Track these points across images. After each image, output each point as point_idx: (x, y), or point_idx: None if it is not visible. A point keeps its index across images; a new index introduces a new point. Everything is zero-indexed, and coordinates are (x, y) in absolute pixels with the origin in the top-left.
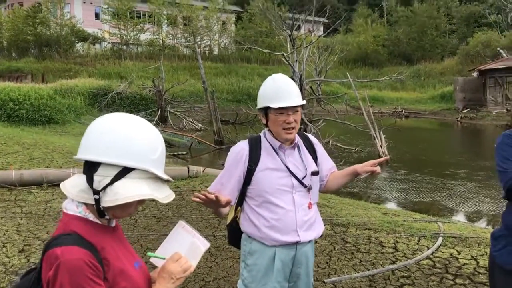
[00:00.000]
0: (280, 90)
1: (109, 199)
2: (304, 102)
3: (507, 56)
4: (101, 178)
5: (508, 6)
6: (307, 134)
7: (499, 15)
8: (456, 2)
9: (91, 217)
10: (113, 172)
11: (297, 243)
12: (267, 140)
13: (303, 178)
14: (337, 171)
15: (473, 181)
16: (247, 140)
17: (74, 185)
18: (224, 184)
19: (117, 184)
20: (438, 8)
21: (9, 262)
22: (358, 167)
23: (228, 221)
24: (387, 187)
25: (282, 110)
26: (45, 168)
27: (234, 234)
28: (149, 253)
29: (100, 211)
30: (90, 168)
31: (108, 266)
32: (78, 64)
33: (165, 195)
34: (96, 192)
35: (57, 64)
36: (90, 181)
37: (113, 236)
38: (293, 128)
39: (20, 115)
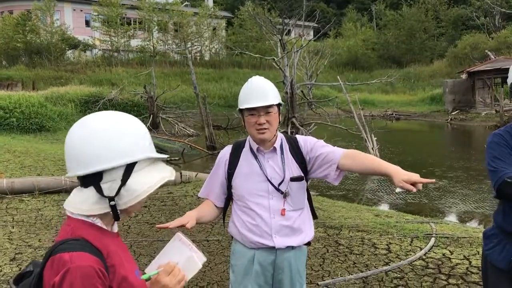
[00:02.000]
0: (252, 92)
1: (129, 199)
2: (275, 102)
3: (495, 58)
4: (109, 184)
5: (495, 9)
6: (297, 136)
7: (487, 18)
8: (444, 6)
9: (99, 222)
10: (119, 173)
11: (274, 248)
12: (249, 144)
13: (279, 184)
14: (364, 154)
15: (464, 181)
16: (230, 145)
17: (83, 200)
18: (210, 188)
19: (130, 182)
20: (426, 12)
21: (1, 271)
22: (396, 176)
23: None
24: (379, 189)
25: (252, 111)
26: (36, 176)
27: None
28: (143, 276)
29: (116, 215)
30: (95, 179)
31: (113, 274)
32: (69, 72)
33: (170, 172)
34: (111, 199)
35: (48, 72)
36: (100, 191)
37: (116, 242)
38: (265, 128)
39: (11, 123)
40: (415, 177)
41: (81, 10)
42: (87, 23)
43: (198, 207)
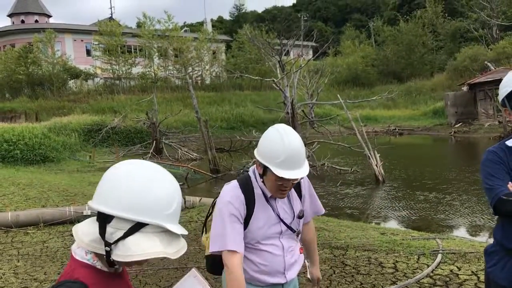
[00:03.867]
0: (288, 156)
1: (121, 254)
2: (308, 170)
3: (495, 68)
4: (114, 230)
5: (492, 21)
6: None
7: (484, 29)
8: (441, 19)
9: (99, 265)
10: (127, 225)
11: (283, 283)
12: (259, 186)
13: (291, 223)
14: (315, 239)
15: (470, 195)
16: (237, 185)
17: (87, 233)
18: (237, 239)
19: (130, 239)
20: (423, 26)
21: None
22: (315, 269)
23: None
24: (384, 206)
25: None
26: (41, 208)
27: (217, 265)
28: None
29: (110, 262)
30: (104, 218)
31: None
32: (71, 101)
33: (176, 249)
34: (107, 244)
35: (50, 102)
36: (103, 232)
37: (120, 283)
38: (289, 189)
39: (15, 155)
40: (318, 281)
41: (82, 40)
42: (88, 53)
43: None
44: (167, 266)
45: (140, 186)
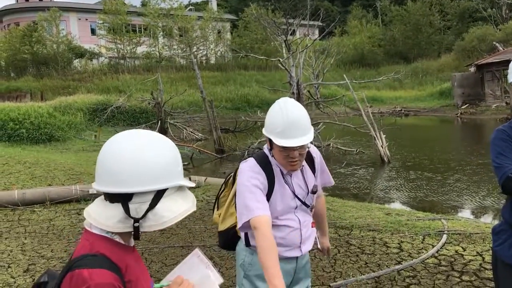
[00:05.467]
0: (286, 126)
1: (155, 223)
2: (311, 139)
3: (503, 49)
4: (137, 205)
5: (501, 1)
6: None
7: (493, 9)
8: None
9: (117, 237)
10: (149, 197)
11: (298, 256)
12: (275, 164)
13: (305, 198)
14: (324, 210)
15: (476, 176)
16: (255, 162)
17: (109, 217)
18: (262, 202)
19: (159, 207)
20: (431, 6)
21: (14, 282)
22: (324, 239)
23: (225, 227)
24: (389, 186)
25: (286, 147)
26: (47, 186)
27: (231, 240)
28: (155, 286)
29: (137, 235)
30: (124, 198)
31: None
32: (76, 81)
33: (193, 201)
34: (136, 220)
35: (55, 82)
36: (127, 211)
37: (133, 256)
38: (297, 161)
39: (21, 135)
40: (328, 250)
41: (86, 19)
42: (93, 32)
43: (271, 256)
44: (172, 244)
45: (151, 156)
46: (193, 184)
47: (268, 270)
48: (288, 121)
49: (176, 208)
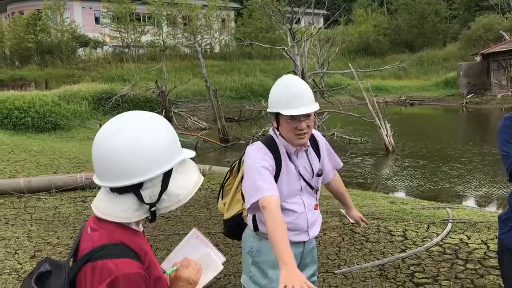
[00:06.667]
0: (292, 96)
1: (171, 204)
2: (317, 108)
3: (510, 38)
4: (149, 190)
5: None
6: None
7: None
8: None
9: (134, 225)
10: (158, 179)
11: (305, 241)
12: (282, 145)
13: (310, 180)
14: (342, 187)
15: (481, 165)
16: (262, 145)
17: (124, 209)
18: (270, 183)
19: (171, 188)
20: None
21: (21, 268)
22: (352, 211)
23: (231, 214)
24: (394, 175)
25: (293, 117)
26: (52, 174)
27: (237, 228)
28: (167, 272)
29: (154, 218)
30: (135, 187)
31: (149, 275)
32: (80, 69)
33: (197, 170)
34: (153, 205)
35: (59, 70)
36: (141, 198)
37: (143, 240)
38: (305, 133)
39: (26, 123)
40: (361, 220)
41: (90, 8)
42: (97, 20)
43: (280, 234)
44: (177, 231)
45: (152, 141)
46: (193, 153)
47: (278, 248)
48: (294, 92)
49: (187, 183)
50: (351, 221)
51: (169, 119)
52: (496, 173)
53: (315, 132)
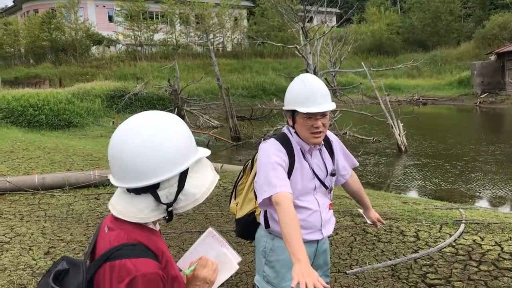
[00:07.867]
0: (309, 94)
1: (187, 203)
2: (334, 106)
3: None
4: (166, 190)
5: None
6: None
7: None
8: None
9: (151, 224)
10: (175, 179)
11: (319, 240)
12: (296, 142)
13: (324, 179)
14: (360, 187)
15: (495, 165)
16: (276, 141)
17: (141, 209)
18: (283, 179)
19: (187, 188)
20: None
21: (36, 264)
22: (370, 212)
23: (243, 213)
24: (406, 175)
25: (310, 115)
26: (66, 172)
27: (250, 227)
28: (186, 272)
29: (171, 218)
30: (152, 187)
31: (167, 275)
32: (94, 67)
33: (212, 168)
34: (170, 205)
35: (73, 68)
36: (158, 198)
37: (159, 238)
38: (321, 132)
39: (40, 120)
40: (378, 221)
41: (104, 6)
42: (110, 19)
43: (293, 230)
44: (190, 229)
45: (172, 141)
46: (209, 152)
47: (290, 244)
48: (311, 90)
49: (203, 182)
50: (368, 222)
51: (181, 117)
52: (510, 173)
53: (328, 132)
